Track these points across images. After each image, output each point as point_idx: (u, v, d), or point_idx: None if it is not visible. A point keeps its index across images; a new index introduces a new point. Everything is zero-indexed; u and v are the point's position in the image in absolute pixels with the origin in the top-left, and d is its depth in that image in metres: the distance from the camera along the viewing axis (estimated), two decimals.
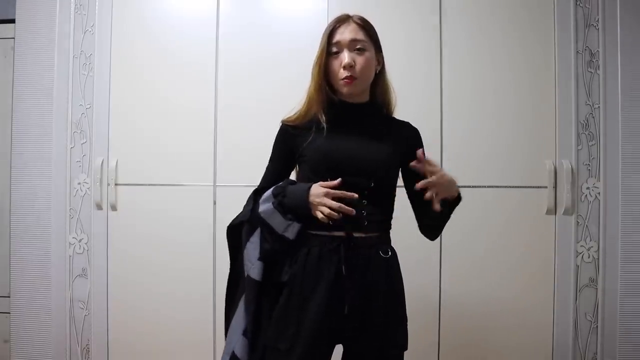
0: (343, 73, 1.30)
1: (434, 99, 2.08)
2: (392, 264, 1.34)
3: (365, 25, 1.35)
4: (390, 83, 1.42)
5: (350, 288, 1.26)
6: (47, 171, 2.17)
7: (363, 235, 1.30)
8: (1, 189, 2.33)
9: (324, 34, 1.35)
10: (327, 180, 1.28)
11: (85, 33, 2.19)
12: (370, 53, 1.33)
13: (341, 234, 1.28)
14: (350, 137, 1.33)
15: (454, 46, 2.09)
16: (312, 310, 1.25)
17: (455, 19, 2.09)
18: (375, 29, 1.37)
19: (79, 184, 2.17)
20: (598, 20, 2.02)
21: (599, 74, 2.02)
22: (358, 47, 1.31)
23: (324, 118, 1.33)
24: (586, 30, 2.03)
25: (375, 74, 1.37)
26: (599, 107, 2.02)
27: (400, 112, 2.12)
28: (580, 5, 2.04)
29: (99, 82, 2.17)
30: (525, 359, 2.03)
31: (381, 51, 1.38)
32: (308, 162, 1.34)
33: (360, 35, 1.33)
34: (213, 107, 2.15)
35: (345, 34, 1.32)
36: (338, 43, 1.32)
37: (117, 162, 2.16)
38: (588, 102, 2.03)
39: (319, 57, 1.34)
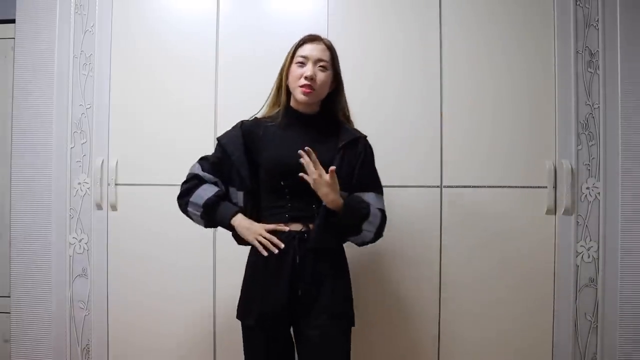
0: (303, 81, 1.51)
1: (434, 99, 2.08)
2: (338, 252, 1.59)
3: (331, 49, 1.58)
4: (346, 99, 1.65)
5: (302, 275, 1.50)
6: (47, 171, 2.17)
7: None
8: (1, 189, 2.33)
9: (294, 46, 1.57)
10: (280, 183, 1.53)
11: (85, 33, 2.19)
12: (329, 73, 1.56)
13: (299, 228, 1.53)
14: (299, 143, 1.50)
15: (454, 47, 2.09)
16: (273, 294, 1.50)
17: (454, 19, 2.09)
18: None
19: (79, 184, 2.17)
20: (598, 20, 2.02)
21: (598, 74, 2.02)
22: (321, 65, 1.54)
23: (280, 120, 1.58)
24: (586, 30, 2.03)
25: (330, 92, 1.60)
26: (598, 107, 2.02)
27: (400, 113, 2.13)
28: (580, 5, 2.04)
29: (99, 82, 2.17)
30: (525, 359, 2.04)
31: (339, 74, 1.61)
32: (262, 166, 1.56)
33: (326, 56, 1.56)
34: (213, 107, 2.15)
35: (314, 51, 1.54)
36: (306, 57, 1.53)
37: (117, 162, 2.16)
38: (588, 102, 2.03)
39: (287, 64, 1.58)
